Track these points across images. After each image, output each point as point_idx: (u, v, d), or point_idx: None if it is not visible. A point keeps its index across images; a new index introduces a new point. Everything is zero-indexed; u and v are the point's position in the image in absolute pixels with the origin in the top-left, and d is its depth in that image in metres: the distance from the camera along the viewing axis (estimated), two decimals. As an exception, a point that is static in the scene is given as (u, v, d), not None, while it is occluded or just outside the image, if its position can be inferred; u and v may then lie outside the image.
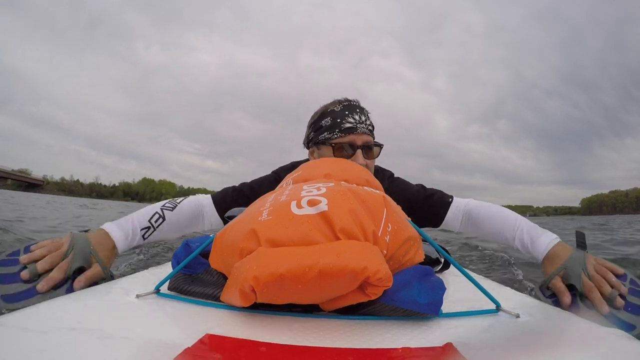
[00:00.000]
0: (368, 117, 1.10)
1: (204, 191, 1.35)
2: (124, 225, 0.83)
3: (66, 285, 0.67)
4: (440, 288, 0.49)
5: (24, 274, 0.64)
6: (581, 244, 0.80)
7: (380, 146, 1.09)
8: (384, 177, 1.20)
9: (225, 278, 0.51)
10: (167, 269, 0.65)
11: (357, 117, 1.05)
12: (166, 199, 1.02)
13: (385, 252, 0.47)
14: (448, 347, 0.37)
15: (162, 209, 0.93)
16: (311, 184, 0.56)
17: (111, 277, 0.73)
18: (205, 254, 0.56)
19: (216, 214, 1.07)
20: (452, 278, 0.75)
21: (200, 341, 0.36)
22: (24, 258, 0.67)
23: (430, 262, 0.76)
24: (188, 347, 0.33)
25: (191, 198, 1.03)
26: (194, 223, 1.04)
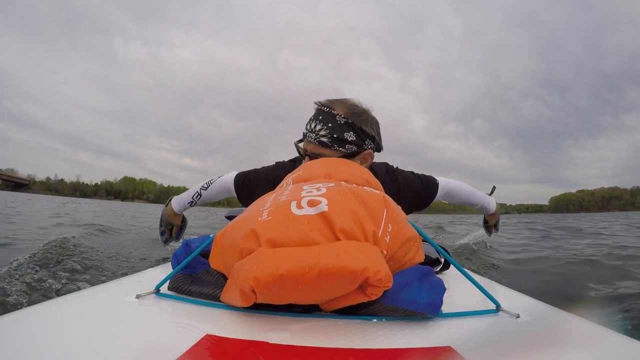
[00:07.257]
0: (331, 125, 0.92)
1: (184, 189, 1.56)
2: (180, 200, 1.39)
3: (165, 236, 1.46)
4: (440, 288, 0.49)
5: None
6: (492, 193, 1.52)
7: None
8: (381, 171, 1.14)
9: (225, 278, 0.51)
10: (167, 269, 0.65)
11: (312, 125, 0.95)
12: (148, 197, 1.07)
13: (385, 252, 0.47)
14: (448, 348, 0.37)
15: (200, 189, 1.32)
16: (311, 184, 0.56)
17: (183, 222, 1.47)
18: (205, 254, 0.56)
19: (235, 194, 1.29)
20: (452, 278, 0.75)
21: (200, 342, 0.36)
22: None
23: (430, 262, 0.76)
24: (189, 349, 0.33)
25: (220, 180, 1.30)
26: (223, 195, 1.34)
